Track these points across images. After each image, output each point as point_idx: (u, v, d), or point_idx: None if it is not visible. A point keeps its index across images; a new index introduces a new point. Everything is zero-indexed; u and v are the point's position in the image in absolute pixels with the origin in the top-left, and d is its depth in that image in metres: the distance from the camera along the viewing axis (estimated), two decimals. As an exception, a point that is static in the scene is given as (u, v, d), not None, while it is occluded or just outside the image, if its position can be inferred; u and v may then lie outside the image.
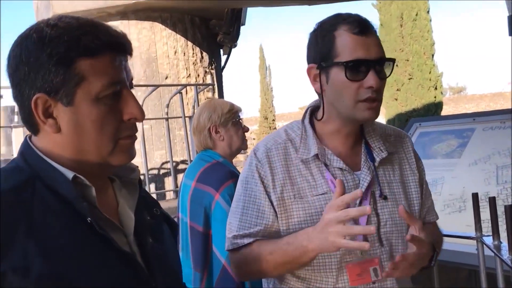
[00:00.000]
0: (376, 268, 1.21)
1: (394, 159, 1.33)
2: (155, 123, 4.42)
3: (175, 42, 4.63)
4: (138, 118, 0.86)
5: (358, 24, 1.18)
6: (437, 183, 2.68)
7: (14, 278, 0.70)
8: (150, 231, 0.95)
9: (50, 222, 0.77)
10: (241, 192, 1.31)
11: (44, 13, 4.71)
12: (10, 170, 0.84)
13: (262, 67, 24.46)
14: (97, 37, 0.82)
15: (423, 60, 10.70)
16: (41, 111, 0.81)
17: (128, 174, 0.97)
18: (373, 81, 1.16)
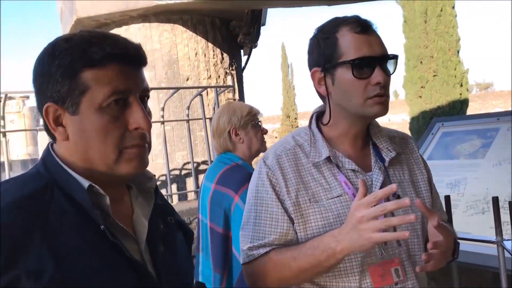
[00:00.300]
0: (398, 268, 1.20)
1: (402, 159, 1.34)
2: (176, 124, 4.46)
3: (196, 44, 4.67)
4: (143, 127, 0.87)
5: (359, 23, 1.20)
6: (460, 184, 2.64)
7: (28, 281, 0.73)
8: (162, 240, 0.97)
9: (65, 228, 0.80)
10: (252, 202, 1.29)
11: (68, 17, 4.81)
12: (31, 175, 0.88)
13: (284, 65, 24.43)
14: (102, 48, 0.85)
15: (448, 57, 10.49)
16: (51, 119, 0.86)
17: (145, 183, 0.99)
18: (381, 77, 1.17)
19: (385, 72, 1.19)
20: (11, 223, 0.75)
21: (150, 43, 4.56)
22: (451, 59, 10.48)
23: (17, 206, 0.78)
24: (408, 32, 10.86)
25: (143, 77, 0.91)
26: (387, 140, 1.31)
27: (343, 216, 1.18)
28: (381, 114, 1.22)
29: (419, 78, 10.64)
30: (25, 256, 0.74)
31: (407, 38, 10.98)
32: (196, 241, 2.30)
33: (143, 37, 4.57)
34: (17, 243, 0.74)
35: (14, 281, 0.72)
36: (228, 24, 4.91)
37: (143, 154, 0.90)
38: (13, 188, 0.83)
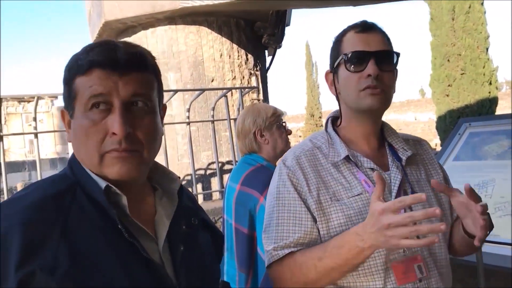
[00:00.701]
0: (420, 265, 1.21)
1: (417, 160, 1.36)
2: (202, 125, 4.51)
3: (221, 45, 4.71)
4: (116, 132, 0.87)
5: (362, 24, 1.27)
6: (488, 185, 2.59)
7: (41, 276, 0.76)
8: (183, 240, 0.98)
9: (83, 226, 0.84)
10: (274, 204, 1.29)
11: (96, 19, 4.92)
12: (59, 177, 0.94)
13: (309, 64, 24.31)
14: (87, 56, 0.89)
15: (476, 54, 10.28)
16: (66, 122, 0.95)
17: (170, 183, 1.02)
18: (371, 70, 1.21)
19: (380, 67, 1.23)
20: (32, 220, 0.80)
21: (176, 45, 4.62)
22: (480, 56, 10.27)
23: (38, 206, 0.82)
24: (435, 30, 10.69)
25: (134, 82, 0.90)
26: (402, 141, 1.35)
27: (365, 213, 1.16)
28: (374, 106, 1.24)
29: (446, 76, 10.46)
30: (41, 253, 0.78)
31: (434, 36, 10.81)
32: (221, 240, 2.34)
33: (169, 39, 4.63)
34: (35, 241, 0.78)
35: (29, 277, 0.75)
36: (252, 25, 4.94)
37: (124, 159, 0.89)
38: (40, 188, 0.88)
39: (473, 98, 10.15)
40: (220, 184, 4.04)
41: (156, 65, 0.97)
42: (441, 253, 1.27)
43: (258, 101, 4.65)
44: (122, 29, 4.86)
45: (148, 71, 0.93)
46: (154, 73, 0.95)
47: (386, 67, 1.24)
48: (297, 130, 23.41)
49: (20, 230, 0.77)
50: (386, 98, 1.25)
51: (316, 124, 23.01)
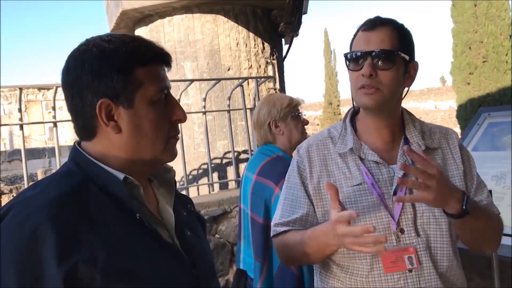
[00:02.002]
0: (412, 256, 1.26)
1: (437, 154, 1.38)
2: (218, 114, 4.52)
3: (237, 34, 4.69)
4: (182, 119, 0.98)
5: (368, 22, 1.30)
6: (506, 176, 2.55)
7: (85, 268, 0.78)
8: (187, 225, 1.04)
9: (105, 219, 0.86)
10: (285, 185, 1.45)
11: (113, 8, 4.94)
12: (64, 174, 0.93)
13: (327, 51, 24.04)
14: (150, 49, 0.94)
15: (499, 42, 10.02)
16: (104, 114, 0.91)
17: (165, 174, 1.06)
18: (365, 69, 1.26)
19: (377, 66, 1.26)
20: (60, 216, 0.81)
21: (192, 34, 4.63)
22: (503, 44, 10.02)
23: (61, 201, 0.83)
24: (457, 17, 10.45)
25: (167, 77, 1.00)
26: (419, 135, 1.37)
27: (359, 203, 1.29)
28: (368, 106, 1.30)
29: (468, 64, 10.25)
30: (78, 246, 0.80)
31: (455, 22, 10.57)
32: (237, 229, 2.36)
33: (185, 28, 4.64)
34: (68, 235, 0.80)
35: (73, 269, 0.77)
36: (269, 13, 4.90)
37: (176, 143, 1.01)
38: (51, 186, 0.88)
39: (494, 86, 9.94)
40: (236, 174, 4.06)
41: None
42: (443, 247, 1.29)
43: (274, 90, 4.63)
44: (139, 18, 4.88)
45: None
46: None
47: (383, 66, 1.26)
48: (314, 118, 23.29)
49: (51, 226, 0.78)
50: (383, 96, 1.27)
51: (334, 113, 22.85)
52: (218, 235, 3.48)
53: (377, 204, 1.28)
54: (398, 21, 1.33)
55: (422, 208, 1.29)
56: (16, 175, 14.84)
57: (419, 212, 1.29)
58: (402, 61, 1.29)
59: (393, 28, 1.29)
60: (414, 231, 1.28)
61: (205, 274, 1.02)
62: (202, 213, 3.43)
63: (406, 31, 1.33)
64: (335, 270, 1.36)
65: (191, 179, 4.50)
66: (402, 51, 1.28)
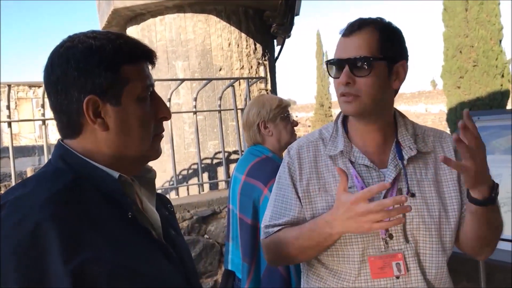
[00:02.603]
0: (400, 263, 1.25)
1: (430, 159, 1.35)
2: (209, 114, 4.51)
3: (229, 34, 4.69)
4: (168, 117, 0.99)
5: (347, 27, 1.28)
6: (495, 180, 2.57)
7: (92, 266, 0.77)
8: (170, 225, 1.05)
9: (103, 216, 0.85)
10: (275, 186, 1.43)
11: (105, 7, 4.92)
12: (53, 172, 0.90)
13: (319, 53, 24.09)
14: (137, 47, 0.94)
15: (489, 46, 10.12)
16: (91, 111, 0.89)
17: (145, 174, 1.05)
18: (341, 78, 1.25)
19: (354, 73, 1.24)
20: (61, 214, 0.79)
21: (184, 33, 4.61)
22: (493, 48, 10.11)
23: (60, 199, 0.81)
24: (448, 21, 10.54)
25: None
26: (411, 139, 1.34)
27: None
28: (348, 113, 1.30)
29: (458, 68, 10.34)
30: (83, 243, 0.78)
31: (447, 26, 10.66)
32: (226, 230, 2.35)
33: (177, 27, 4.62)
34: (73, 232, 0.78)
35: (81, 267, 0.76)
36: (261, 14, 4.91)
37: (161, 141, 1.01)
38: (43, 184, 0.86)
39: (484, 90, 10.03)
40: (226, 174, 4.05)
41: None
42: (432, 254, 1.27)
43: (266, 91, 4.63)
44: (131, 17, 4.86)
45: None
46: None
47: (360, 73, 1.24)
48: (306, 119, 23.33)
49: (53, 225, 0.76)
50: (363, 103, 1.26)
51: (326, 114, 22.90)
52: (207, 236, 3.47)
53: None
54: (383, 19, 1.30)
55: (412, 214, 1.27)
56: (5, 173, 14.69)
57: (409, 217, 1.27)
58: (384, 65, 1.25)
59: (373, 30, 1.25)
60: (403, 237, 1.26)
61: (192, 273, 1.03)
62: (191, 213, 3.42)
63: (391, 30, 1.29)
64: (322, 273, 1.35)
65: (181, 179, 4.49)
66: (384, 53, 1.25)
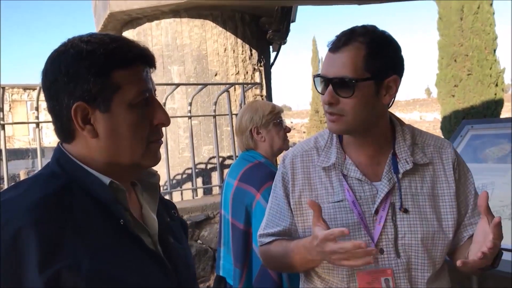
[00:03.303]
0: (388, 279, 1.23)
1: (427, 171, 1.30)
2: (204, 119, 4.51)
3: (225, 39, 4.69)
4: (165, 123, 0.94)
5: (334, 41, 1.22)
6: (487, 188, 2.58)
7: (68, 275, 0.76)
8: (170, 232, 1.02)
9: (90, 223, 0.84)
10: (271, 195, 1.43)
11: (101, 11, 4.91)
12: (47, 175, 0.90)
13: (315, 59, 24.18)
14: (130, 50, 0.90)
15: (483, 55, 10.19)
16: (80, 118, 0.88)
17: (149, 178, 1.03)
18: (324, 97, 1.22)
19: (338, 93, 1.20)
20: (44, 220, 0.78)
21: (180, 38, 4.62)
22: (487, 58, 10.19)
23: (46, 204, 0.80)
24: (443, 30, 10.61)
25: (152, 78, 0.97)
26: (408, 151, 1.29)
27: (339, 220, 1.26)
28: (334, 131, 1.27)
29: (453, 76, 10.40)
30: (61, 251, 0.77)
31: (442, 35, 10.73)
32: (218, 235, 2.34)
33: (173, 32, 4.63)
34: (51, 240, 0.77)
35: (55, 276, 0.75)
36: (257, 20, 4.92)
37: (159, 148, 0.97)
38: (34, 188, 0.85)
39: (478, 99, 10.08)
40: (221, 179, 4.04)
41: None
42: (424, 270, 1.25)
43: (261, 97, 4.63)
44: (127, 21, 4.86)
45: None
46: None
47: (343, 94, 1.19)
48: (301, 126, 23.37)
49: (34, 231, 0.76)
50: (347, 123, 1.22)
51: (321, 121, 22.94)
52: (200, 241, 3.45)
53: (356, 223, 1.24)
54: (376, 29, 1.23)
55: (404, 229, 1.24)
56: (-3, 176, 14.61)
57: (401, 233, 1.24)
58: (370, 84, 1.19)
59: (359, 45, 1.18)
60: (394, 252, 1.23)
61: (187, 282, 1.00)
62: (185, 218, 3.41)
63: (382, 43, 1.22)
64: (316, 280, 1.35)
65: (175, 183, 4.47)
66: (371, 70, 1.18)
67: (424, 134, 1.38)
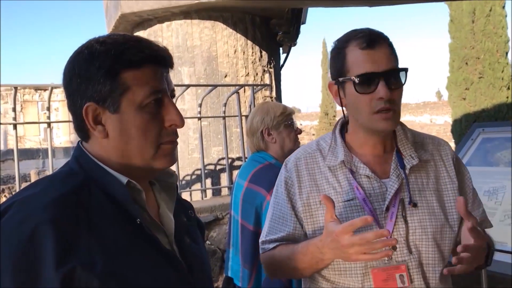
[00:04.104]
0: (403, 274, 1.23)
1: (430, 167, 1.33)
2: (213, 120, 4.52)
3: (235, 41, 4.70)
4: (178, 124, 0.93)
5: (366, 39, 1.21)
6: (498, 192, 2.56)
7: (83, 273, 0.77)
8: (187, 232, 1.02)
9: (106, 222, 0.84)
10: (272, 201, 1.40)
11: (112, 12, 4.95)
12: (66, 173, 0.92)
13: (325, 62, 24.08)
14: (140, 51, 0.90)
15: (495, 58, 10.11)
16: (91, 118, 0.89)
17: (167, 179, 1.04)
18: (383, 92, 1.19)
19: (390, 86, 1.20)
20: (60, 218, 0.79)
21: (190, 40, 4.64)
22: (499, 61, 10.11)
23: (62, 202, 0.81)
24: (454, 32, 10.55)
25: (170, 78, 0.96)
26: (412, 147, 1.32)
27: (351, 218, 1.24)
28: (388, 130, 1.25)
29: (464, 79, 10.33)
30: (77, 249, 0.78)
31: (453, 38, 10.66)
32: (227, 236, 2.35)
33: (184, 33, 4.65)
34: (67, 238, 0.78)
35: (71, 273, 0.76)
36: (268, 22, 4.92)
37: (175, 149, 0.96)
38: (53, 186, 0.87)
39: (490, 102, 10.01)
40: (230, 180, 4.05)
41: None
42: (435, 264, 1.26)
43: (270, 99, 4.64)
44: (138, 22, 4.89)
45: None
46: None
47: (396, 85, 1.21)
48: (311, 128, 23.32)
49: (51, 228, 0.77)
50: (398, 117, 1.24)
51: (330, 123, 22.85)
52: (209, 242, 3.46)
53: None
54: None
55: (414, 224, 1.25)
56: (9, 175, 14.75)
57: (412, 228, 1.25)
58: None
59: (384, 41, 1.23)
60: (406, 248, 1.24)
61: (203, 283, 1.00)
62: (194, 218, 3.41)
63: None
64: (324, 285, 1.32)
65: (184, 184, 4.49)
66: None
67: (421, 134, 1.43)
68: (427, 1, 4.65)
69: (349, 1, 4.63)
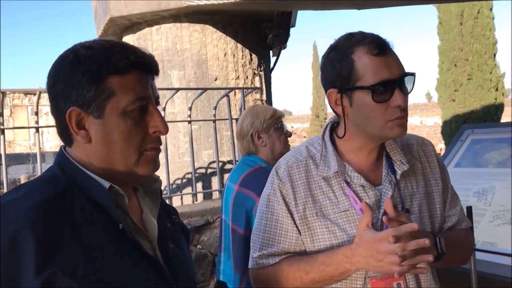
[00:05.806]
0: (400, 283, 1.22)
1: (417, 169, 1.32)
2: (204, 123, 4.51)
3: (225, 44, 4.70)
4: (162, 131, 0.93)
5: (376, 44, 1.16)
6: (487, 193, 2.58)
7: (63, 278, 0.76)
8: (171, 237, 1.02)
9: (89, 227, 0.84)
10: (264, 210, 1.32)
11: (101, 15, 4.93)
12: (48, 178, 0.91)
13: (316, 64, 24.22)
14: (126, 57, 0.89)
15: (483, 60, 10.23)
16: (74, 123, 0.89)
17: (151, 184, 1.03)
18: (401, 100, 1.15)
19: (404, 93, 1.16)
20: (42, 222, 0.79)
21: (180, 43, 4.63)
22: (487, 62, 10.23)
23: (44, 207, 0.81)
24: (443, 34, 10.66)
25: (155, 85, 0.97)
26: (401, 152, 1.29)
27: (349, 230, 1.21)
28: (401, 135, 1.21)
29: (453, 81, 10.44)
30: (58, 254, 0.78)
31: (442, 40, 10.78)
32: (218, 240, 2.34)
33: (173, 36, 4.64)
34: (49, 243, 0.78)
35: (51, 279, 0.75)
36: (258, 25, 4.93)
37: (158, 156, 0.96)
38: (35, 190, 0.86)
39: (479, 104, 10.11)
40: (220, 184, 4.04)
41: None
42: (427, 268, 1.24)
43: (261, 102, 4.64)
44: (128, 26, 4.87)
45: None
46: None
47: (407, 91, 1.18)
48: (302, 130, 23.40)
49: (32, 233, 0.76)
50: (407, 120, 1.21)
51: (321, 125, 22.97)
52: (200, 246, 3.45)
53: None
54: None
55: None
56: (-3, 180, 14.63)
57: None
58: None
59: (390, 46, 1.20)
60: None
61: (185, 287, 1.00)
62: (184, 223, 3.40)
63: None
64: None
65: (174, 188, 4.47)
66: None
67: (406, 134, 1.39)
68: (416, 4, 4.69)
69: (337, 4, 4.65)
